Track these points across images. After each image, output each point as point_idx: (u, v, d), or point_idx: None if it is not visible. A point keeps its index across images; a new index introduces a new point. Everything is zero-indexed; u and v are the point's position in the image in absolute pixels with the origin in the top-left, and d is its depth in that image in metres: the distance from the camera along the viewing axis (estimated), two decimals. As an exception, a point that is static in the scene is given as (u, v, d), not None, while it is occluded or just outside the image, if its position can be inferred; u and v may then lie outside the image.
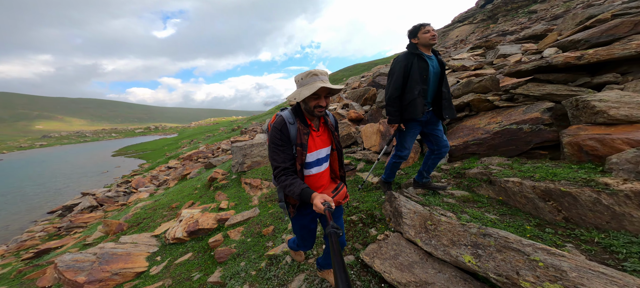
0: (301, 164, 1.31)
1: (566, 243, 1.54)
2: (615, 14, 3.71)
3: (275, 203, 4.26)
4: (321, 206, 1.05)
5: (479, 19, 27.31)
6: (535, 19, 14.56)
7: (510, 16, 23.48)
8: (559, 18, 10.47)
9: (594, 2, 10.73)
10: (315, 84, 1.20)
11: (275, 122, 1.29)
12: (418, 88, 2.01)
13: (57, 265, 2.93)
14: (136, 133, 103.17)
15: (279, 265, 2.29)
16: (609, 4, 7.48)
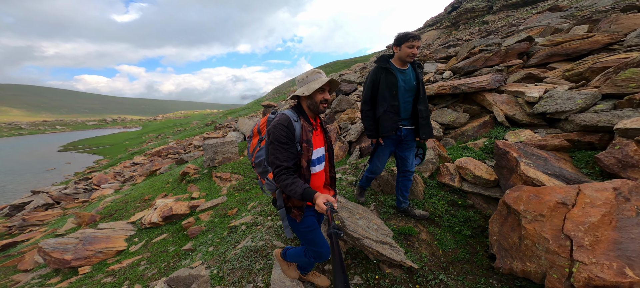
0: (307, 161, 1.32)
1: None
2: (482, 49, 5.24)
3: (242, 192, 5.07)
4: (324, 206, 1.06)
5: (444, 24, 29.77)
6: (482, 31, 17.07)
7: (468, 25, 26.28)
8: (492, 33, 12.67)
9: (514, 23, 13.23)
10: (322, 78, 1.30)
11: (281, 120, 1.28)
12: (386, 105, 1.91)
13: (42, 247, 3.41)
14: (88, 125, 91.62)
15: (237, 232, 3.18)
16: (524, 25, 9.59)
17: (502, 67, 4.31)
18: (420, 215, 2.29)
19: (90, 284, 3.00)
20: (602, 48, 3.48)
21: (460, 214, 2.29)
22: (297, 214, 1.37)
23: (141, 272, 3.03)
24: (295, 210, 1.37)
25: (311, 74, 1.33)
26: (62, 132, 75.00)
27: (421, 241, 2.09)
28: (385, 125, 1.96)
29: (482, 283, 1.75)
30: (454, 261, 1.93)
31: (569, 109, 2.55)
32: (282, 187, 1.25)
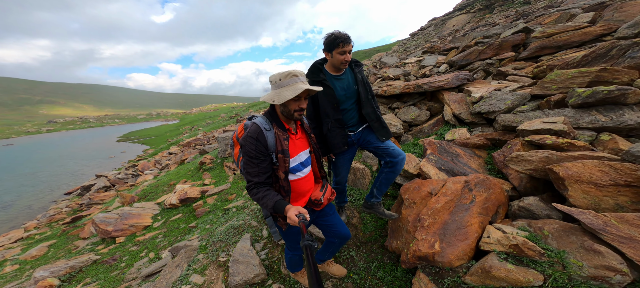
0: (285, 172, 1.24)
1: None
2: (478, 41, 4.83)
3: (244, 180, 5.72)
4: (295, 219, 1.01)
5: (476, 7, 26.48)
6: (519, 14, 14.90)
7: (506, 7, 22.95)
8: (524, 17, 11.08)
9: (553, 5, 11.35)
10: (297, 85, 1.13)
11: (249, 131, 1.19)
12: (329, 121, 1.70)
13: (94, 220, 4.47)
14: (139, 119, 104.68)
15: (229, 213, 3.77)
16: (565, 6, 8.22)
17: (494, 60, 4.00)
18: (389, 215, 1.98)
19: (122, 250, 3.92)
20: (594, 39, 3.04)
21: (386, 204, 2.49)
22: (283, 223, 1.34)
23: (157, 243, 3.84)
24: (281, 219, 1.32)
25: (285, 77, 1.15)
26: (119, 124, 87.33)
27: (351, 224, 2.36)
28: (334, 143, 1.72)
29: (378, 260, 2.04)
30: (367, 242, 2.18)
31: (497, 109, 2.58)
32: (255, 200, 1.21)
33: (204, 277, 2.48)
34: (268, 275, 2.26)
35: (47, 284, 3.01)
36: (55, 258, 4.03)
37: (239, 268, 2.26)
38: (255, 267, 2.23)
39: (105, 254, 3.81)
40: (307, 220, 1.03)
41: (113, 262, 3.55)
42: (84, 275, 3.34)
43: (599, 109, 1.96)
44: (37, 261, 4.13)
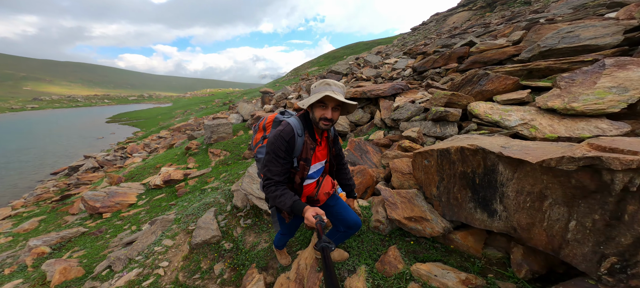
0: (302, 179, 1.28)
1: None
2: (435, 50, 5.39)
3: (224, 165, 6.28)
4: (312, 220, 1.03)
5: (478, 5, 26.38)
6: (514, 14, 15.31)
7: (508, 5, 23.00)
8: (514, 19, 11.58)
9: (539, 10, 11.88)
10: (322, 92, 1.14)
11: (283, 132, 1.20)
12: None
13: (83, 197, 4.99)
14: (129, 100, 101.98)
15: (204, 193, 4.36)
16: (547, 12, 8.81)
17: (442, 69, 4.59)
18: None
19: (108, 224, 4.48)
20: (507, 59, 3.64)
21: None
22: (286, 216, 1.39)
23: (139, 218, 4.42)
24: (286, 212, 1.36)
25: (320, 84, 1.19)
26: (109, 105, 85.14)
27: None
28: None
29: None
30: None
31: (402, 117, 3.18)
32: (270, 198, 1.22)
33: (173, 240, 3.10)
34: (222, 237, 2.89)
35: (40, 251, 3.57)
36: (46, 232, 4.57)
37: (200, 232, 2.88)
38: (213, 231, 2.86)
39: (93, 227, 4.36)
40: (325, 222, 1.03)
41: (99, 233, 4.12)
42: (72, 245, 3.90)
43: (438, 123, 2.69)
44: (29, 234, 4.65)
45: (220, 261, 2.77)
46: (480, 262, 1.54)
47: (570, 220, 0.93)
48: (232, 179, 4.73)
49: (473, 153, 1.38)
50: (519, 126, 1.88)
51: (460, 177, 1.47)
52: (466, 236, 1.61)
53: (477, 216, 1.42)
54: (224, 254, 2.81)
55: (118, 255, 3.00)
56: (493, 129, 2.08)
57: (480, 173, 1.33)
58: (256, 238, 2.87)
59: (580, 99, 1.68)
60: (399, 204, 1.86)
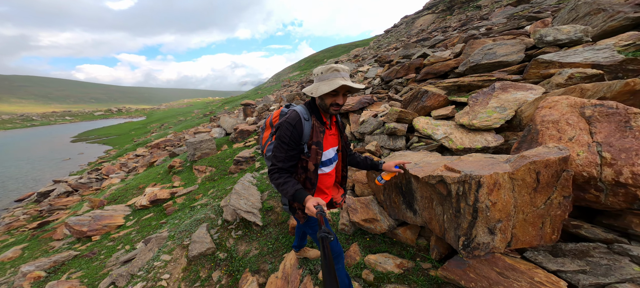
0: (316, 165, 1.26)
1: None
2: (398, 61, 6.23)
3: (211, 181, 6.55)
4: (314, 210, 1.04)
5: (440, 8, 28.46)
6: (468, 18, 17.08)
7: (463, 9, 25.21)
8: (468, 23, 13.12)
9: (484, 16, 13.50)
10: (336, 80, 1.14)
11: (289, 117, 1.21)
12: None
13: (67, 223, 5.02)
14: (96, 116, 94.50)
15: (194, 210, 4.67)
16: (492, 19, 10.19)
17: (403, 80, 5.37)
18: None
19: (100, 246, 4.61)
20: (450, 71, 4.49)
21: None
22: (301, 216, 1.37)
23: (131, 238, 4.61)
24: (300, 211, 1.36)
25: (327, 71, 1.19)
26: (72, 122, 78.18)
27: (275, 213, 3.51)
28: None
29: (284, 233, 3.19)
30: (282, 222, 3.35)
31: (366, 131, 3.75)
32: (274, 185, 1.22)
33: (171, 255, 3.44)
34: (217, 248, 3.30)
35: (35, 275, 3.67)
36: (33, 258, 4.56)
37: (195, 246, 3.27)
38: (207, 243, 3.26)
39: (84, 250, 4.47)
40: (325, 212, 1.04)
41: (93, 255, 4.26)
42: (67, 268, 4.02)
43: (391, 137, 3.30)
44: (15, 261, 4.60)
45: (217, 269, 3.18)
46: (413, 249, 2.15)
47: (444, 214, 1.53)
48: (220, 194, 5.08)
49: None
50: (443, 138, 2.56)
51: (395, 186, 2.08)
52: (405, 231, 2.22)
53: (408, 214, 2.04)
54: (219, 263, 3.22)
55: (120, 272, 3.26)
56: (428, 141, 2.76)
57: (404, 183, 1.94)
58: (247, 247, 3.32)
59: (478, 117, 2.40)
60: (358, 209, 2.44)
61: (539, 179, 1.20)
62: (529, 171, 1.20)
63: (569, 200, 1.22)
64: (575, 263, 1.25)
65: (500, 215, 1.26)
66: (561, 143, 1.41)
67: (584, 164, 1.32)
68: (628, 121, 1.30)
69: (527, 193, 1.23)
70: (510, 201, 1.24)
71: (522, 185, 1.22)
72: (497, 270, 1.34)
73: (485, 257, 1.38)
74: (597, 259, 1.23)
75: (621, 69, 2.06)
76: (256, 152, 6.90)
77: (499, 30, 6.51)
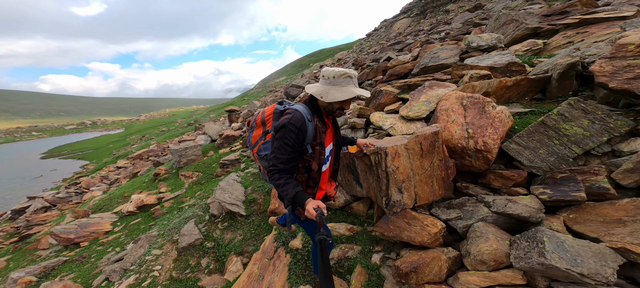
0: (319, 164, 1.29)
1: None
2: (368, 64, 6.96)
3: (198, 185, 6.84)
4: (313, 212, 1.05)
5: (415, 13, 30.13)
6: (438, 22, 18.48)
7: (434, 13, 26.91)
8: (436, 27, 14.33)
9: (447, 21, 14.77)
10: (349, 88, 1.17)
11: (293, 119, 1.20)
12: None
13: (53, 232, 5.13)
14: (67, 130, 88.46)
15: (182, 210, 5.00)
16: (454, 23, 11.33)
17: (372, 81, 6.05)
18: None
19: (89, 251, 4.79)
20: (408, 72, 5.23)
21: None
22: (301, 212, 1.38)
23: (121, 241, 4.85)
24: (300, 208, 1.34)
25: (340, 76, 1.19)
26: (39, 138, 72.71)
27: (257, 203, 3.98)
28: None
29: (265, 220, 3.66)
30: (263, 211, 3.83)
31: None
32: (274, 185, 1.22)
33: (161, 249, 3.79)
34: (205, 239, 3.71)
35: (26, 281, 3.85)
36: (20, 267, 4.64)
37: (184, 238, 3.66)
38: (196, 235, 3.66)
39: (73, 256, 4.64)
40: (325, 215, 1.05)
41: (83, 259, 4.46)
42: (57, 272, 4.20)
43: (353, 130, 3.72)
44: (1, 272, 4.65)
45: (205, 257, 3.59)
46: (363, 218, 2.71)
47: (373, 182, 2.09)
48: (207, 195, 5.43)
49: (346, 153, 2.58)
50: (389, 128, 3.18)
51: (347, 166, 2.64)
52: (358, 204, 2.77)
53: (358, 189, 2.59)
54: (207, 251, 3.63)
55: (113, 268, 3.56)
56: (380, 132, 3.37)
57: (352, 162, 2.50)
58: (233, 235, 3.76)
59: (413, 110, 3.04)
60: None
61: (422, 147, 1.79)
62: (416, 142, 1.79)
63: (442, 163, 1.83)
64: (456, 212, 1.84)
65: (402, 176, 1.84)
66: (447, 123, 2.04)
67: (459, 138, 1.94)
68: (484, 107, 1.94)
69: (417, 158, 1.82)
70: (407, 165, 1.83)
71: (413, 153, 1.81)
72: (406, 220, 1.91)
73: (400, 213, 1.96)
74: (468, 207, 1.80)
75: (508, 70, 2.78)
76: (242, 155, 7.29)
77: (453, 34, 7.44)
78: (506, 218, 1.57)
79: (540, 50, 3.51)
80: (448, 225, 1.80)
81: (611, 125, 1.50)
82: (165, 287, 3.21)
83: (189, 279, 3.27)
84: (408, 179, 1.87)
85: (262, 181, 4.66)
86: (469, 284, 1.36)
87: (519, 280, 1.29)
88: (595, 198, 1.44)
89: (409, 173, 1.87)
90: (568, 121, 1.60)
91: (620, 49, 1.51)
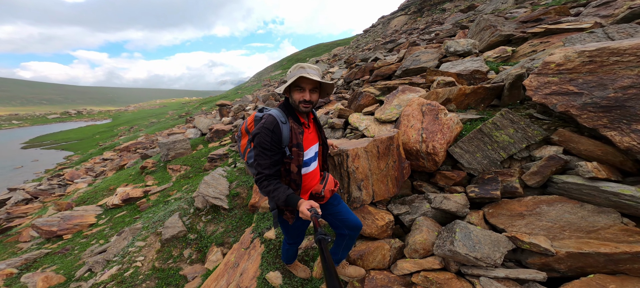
0: (298, 166, 1.28)
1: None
2: (357, 64, 7.15)
3: (186, 179, 6.93)
4: (308, 213, 1.05)
5: (412, 10, 30.27)
6: (433, 21, 18.71)
7: (431, 11, 27.11)
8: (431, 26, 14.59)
9: (440, 21, 15.04)
10: (295, 73, 1.19)
11: (266, 122, 1.22)
12: None
13: (35, 224, 5.17)
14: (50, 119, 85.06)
15: (168, 203, 5.12)
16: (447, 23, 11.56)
17: (360, 81, 6.24)
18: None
19: (72, 243, 4.87)
20: (393, 73, 5.45)
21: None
22: (289, 217, 1.39)
23: (105, 234, 4.94)
24: (288, 212, 1.38)
25: (294, 69, 1.23)
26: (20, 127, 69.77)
27: (241, 197, 4.17)
28: None
29: (247, 213, 3.86)
30: (245, 205, 4.03)
31: None
32: (264, 193, 1.22)
33: (145, 241, 3.94)
34: (188, 231, 3.88)
35: (7, 272, 3.92)
36: (1, 260, 4.69)
37: (168, 230, 3.81)
38: (179, 227, 3.82)
39: (56, 248, 4.71)
40: (320, 214, 1.06)
41: (66, 251, 4.54)
42: (39, 264, 4.28)
43: (332, 130, 3.92)
44: None
45: (188, 248, 3.76)
46: None
47: (343, 176, 2.30)
48: (194, 189, 5.57)
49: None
50: (364, 130, 3.38)
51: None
52: None
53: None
54: (190, 242, 3.80)
55: (96, 260, 3.69)
56: (356, 132, 3.58)
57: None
58: (215, 227, 3.94)
59: (385, 112, 3.25)
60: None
61: (379, 150, 2.00)
62: (373, 145, 2.00)
63: (396, 164, 2.05)
64: (405, 207, 2.06)
65: (361, 176, 2.05)
66: (407, 128, 2.26)
67: (414, 142, 2.17)
68: (438, 114, 2.16)
69: (375, 160, 2.03)
70: (366, 166, 2.04)
71: (371, 155, 2.02)
72: (362, 215, 2.10)
73: (360, 208, 2.18)
74: (415, 204, 2.02)
75: (472, 77, 3.02)
76: (230, 150, 7.40)
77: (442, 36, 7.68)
78: (442, 212, 1.81)
79: (508, 57, 3.76)
80: (399, 219, 2.03)
81: (529, 134, 1.75)
82: (148, 276, 3.38)
83: (171, 268, 3.45)
84: (366, 178, 2.09)
85: (247, 176, 4.83)
86: (403, 269, 1.60)
87: (437, 265, 1.53)
88: (509, 196, 1.69)
89: (367, 173, 2.08)
90: (499, 129, 1.84)
91: (545, 66, 1.74)
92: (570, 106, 1.54)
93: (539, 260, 1.30)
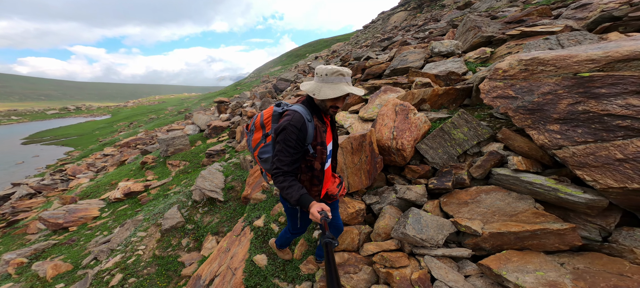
0: (322, 163, 1.32)
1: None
2: (350, 62, 7.34)
3: (185, 174, 7.22)
4: (318, 216, 1.08)
5: (411, 6, 30.05)
6: (431, 18, 18.70)
7: (431, 7, 26.91)
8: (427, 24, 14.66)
9: (436, 18, 15.06)
10: (340, 86, 1.19)
11: (293, 120, 1.23)
12: None
13: (41, 217, 5.48)
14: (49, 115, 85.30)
15: (168, 197, 5.42)
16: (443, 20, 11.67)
17: (352, 80, 6.45)
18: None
19: (78, 235, 5.19)
20: (382, 72, 5.65)
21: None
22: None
23: (109, 226, 5.25)
24: (305, 209, 1.30)
25: (332, 74, 1.22)
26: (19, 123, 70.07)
27: (235, 190, 4.45)
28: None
29: (240, 204, 4.14)
30: (239, 198, 4.32)
31: None
32: (278, 188, 1.25)
33: (146, 232, 4.24)
34: (186, 222, 4.17)
35: (18, 262, 4.24)
36: (11, 250, 5.02)
37: (167, 221, 4.10)
38: (178, 218, 4.11)
39: (62, 239, 5.03)
40: (330, 218, 1.08)
41: (72, 242, 4.86)
42: (47, 254, 4.60)
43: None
44: None
45: (185, 237, 4.06)
46: None
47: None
48: (192, 183, 5.85)
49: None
50: (348, 127, 3.63)
51: None
52: None
53: None
54: (188, 232, 4.10)
55: (100, 249, 4.00)
56: (341, 130, 3.83)
57: None
58: (211, 218, 4.23)
59: (368, 111, 3.49)
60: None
61: (353, 146, 2.25)
62: (348, 142, 2.25)
63: (369, 158, 2.30)
64: (376, 198, 2.32)
65: (338, 170, 2.31)
66: (382, 126, 2.50)
67: (387, 139, 2.41)
68: (408, 114, 2.40)
69: (350, 155, 2.28)
70: (341, 160, 2.29)
71: (346, 150, 2.27)
72: (340, 203, 2.40)
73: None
74: (385, 194, 2.25)
75: (448, 78, 3.24)
76: (227, 146, 7.67)
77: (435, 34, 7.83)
78: (405, 202, 2.07)
79: (487, 58, 3.97)
80: (371, 208, 2.30)
81: (479, 132, 1.99)
82: (149, 263, 3.68)
83: (170, 256, 3.76)
84: (342, 171, 2.35)
85: (242, 171, 5.11)
86: (368, 251, 1.86)
87: (393, 246, 1.79)
88: (459, 186, 1.94)
89: (343, 167, 2.34)
90: (456, 128, 2.08)
91: (495, 72, 1.96)
92: (508, 108, 1.78)
93: (472, 241, 1.56)
